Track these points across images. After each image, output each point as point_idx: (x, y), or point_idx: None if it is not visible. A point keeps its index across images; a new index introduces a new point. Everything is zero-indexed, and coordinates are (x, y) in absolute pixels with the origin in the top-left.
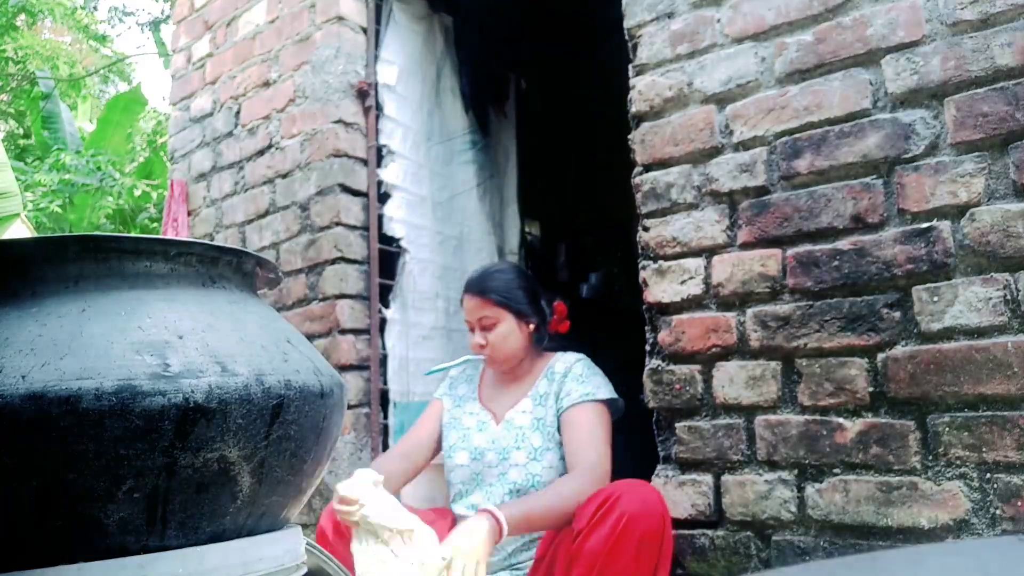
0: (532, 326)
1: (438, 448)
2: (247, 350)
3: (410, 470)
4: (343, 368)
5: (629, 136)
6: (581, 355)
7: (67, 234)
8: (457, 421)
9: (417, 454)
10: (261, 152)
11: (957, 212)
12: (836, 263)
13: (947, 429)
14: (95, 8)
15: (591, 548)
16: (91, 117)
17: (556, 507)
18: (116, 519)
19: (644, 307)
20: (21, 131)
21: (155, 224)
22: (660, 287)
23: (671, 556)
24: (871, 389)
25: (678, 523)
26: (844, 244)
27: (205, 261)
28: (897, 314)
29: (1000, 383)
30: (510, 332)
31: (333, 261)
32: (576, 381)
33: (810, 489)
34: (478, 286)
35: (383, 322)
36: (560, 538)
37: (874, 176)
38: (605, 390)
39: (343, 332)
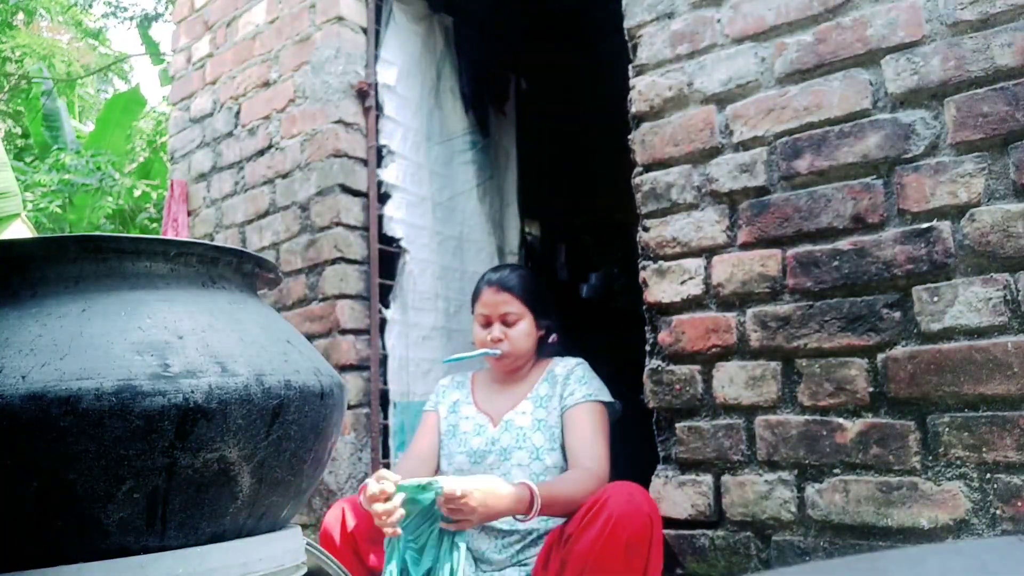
0: (542, 332)
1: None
2: (247, 350)
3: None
4: (343, 368)
5: (629, 136)
6: (581, 359)
7: (67, 234)
8: (455, 428)
9: (429, 463)
10: (261, 152)
11: (957, 212)
12: (836, 263)
13: (947, 429)
14: (91, 5)
15: (580, 550)
16: (84, 117)
17: (574, 497)
18: (116, 519)
19: (644, 307)
20: (19, 131)
21: (155, 224)
22: (660, 287)
23: (661, 556)
24: (871, 389)
25: (678, 523)
26: (844, 244)
27: (205, 261)
28: (897, 314)
29: (1000, 383)
30: (529, 332)
31: (333, 261)
32: (579, 382)
33: (810, 489)
34: (505, 281)
35: (383, 322)
36: (552, 540)
37: (874, 176)
38: (605, 393)
39: (343, 332)
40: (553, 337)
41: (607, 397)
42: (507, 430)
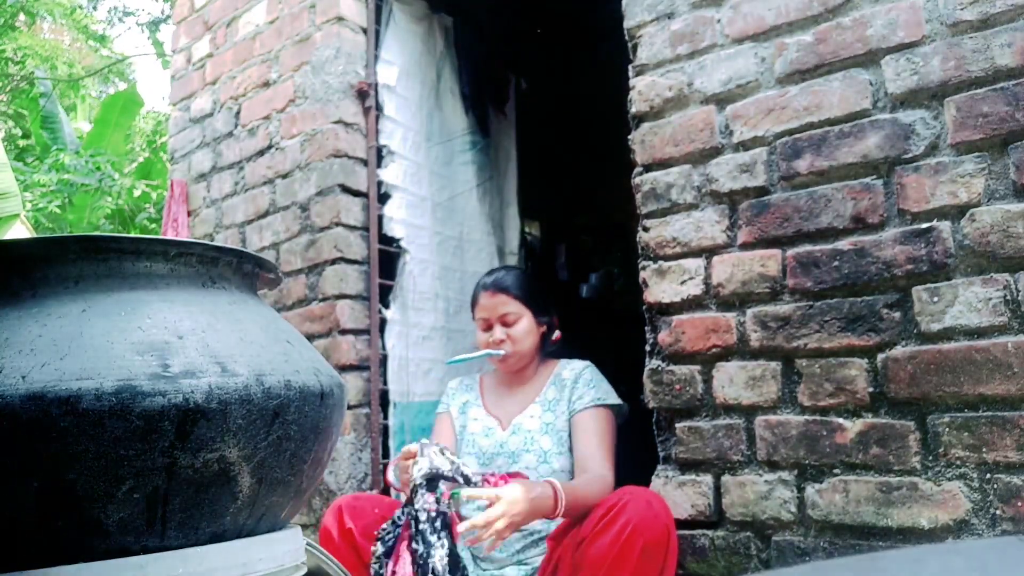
0: (544, 328)
1: None
2: (247, 350)
3: None
4: (343, 368)
5: (629, 136)
6: (588, 362)
7: (67, 234)
8: (464, 429)
9: None
10: (261, 152)
11: (957, 212)
12: (836, 263)
13: (947, 429)
14: (94, 8)
15: (595, 555)
16: (89, 117)
17: (591, 502)
18: (116, 519)
19: (644, 307)
20: (20, 132)
21: (154, 224)
22: (660, 287)
23: (676, 564)
24: (871, 389)
25: (678, 524)
26: (844, 244)
27: (205, 261)
28: (897, 314)
29: (1000, 383)
30: (530, 330)
31: (333, 261)
32: (587, 386)
33: (810, 489)
34: (501, 283)
35: (383, 322)
36: (564, 543)
37: (874, 176)
38: (613, 396)
39: (343, 332)
40: (556, 334)
41: (615, 400)
42: (515, 433)
